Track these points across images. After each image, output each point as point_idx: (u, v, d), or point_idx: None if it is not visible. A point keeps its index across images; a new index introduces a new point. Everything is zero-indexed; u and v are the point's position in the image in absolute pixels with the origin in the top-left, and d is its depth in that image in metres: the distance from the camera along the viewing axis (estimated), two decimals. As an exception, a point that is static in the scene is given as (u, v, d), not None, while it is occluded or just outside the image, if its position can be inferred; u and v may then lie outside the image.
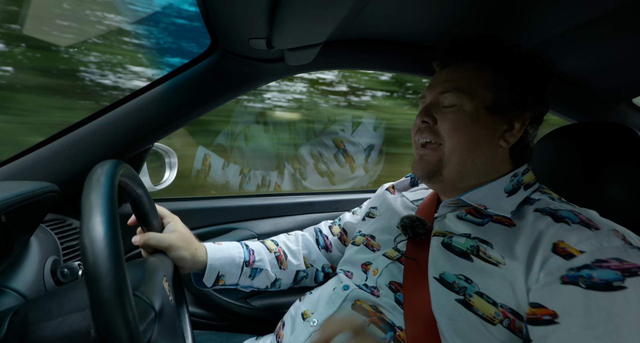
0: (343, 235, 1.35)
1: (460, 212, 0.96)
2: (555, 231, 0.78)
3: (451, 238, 0.91)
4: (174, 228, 1.04)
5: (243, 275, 1.17)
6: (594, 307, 0.67)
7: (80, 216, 0.52)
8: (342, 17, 0.89)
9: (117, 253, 0.50)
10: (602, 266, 0.69)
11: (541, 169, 1.22)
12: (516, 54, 0.96)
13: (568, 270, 0.72)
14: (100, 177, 0.58)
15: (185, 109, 1.28)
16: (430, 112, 0.97)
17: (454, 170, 0.96)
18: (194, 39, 2.14)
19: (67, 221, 1.23)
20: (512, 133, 0.95)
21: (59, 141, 1.17)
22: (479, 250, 0.84)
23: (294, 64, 1.28)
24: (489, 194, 0.94)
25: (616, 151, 1.08)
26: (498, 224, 0.88)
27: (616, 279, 0.67)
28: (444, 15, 1.16)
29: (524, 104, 0.94)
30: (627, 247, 0.71)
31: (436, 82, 1.01)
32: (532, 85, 0.95)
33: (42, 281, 0.98)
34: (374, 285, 0.97)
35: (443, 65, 1.03)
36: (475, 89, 0.94)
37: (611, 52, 1.25)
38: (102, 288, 0.47)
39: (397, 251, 1.01)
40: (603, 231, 0.75)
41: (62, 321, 0.65)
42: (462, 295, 0.80)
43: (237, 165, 2.68)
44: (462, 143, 0.93)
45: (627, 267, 0.68)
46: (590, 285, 0.68)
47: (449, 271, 0.85)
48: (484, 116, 0.93)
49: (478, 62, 0.96)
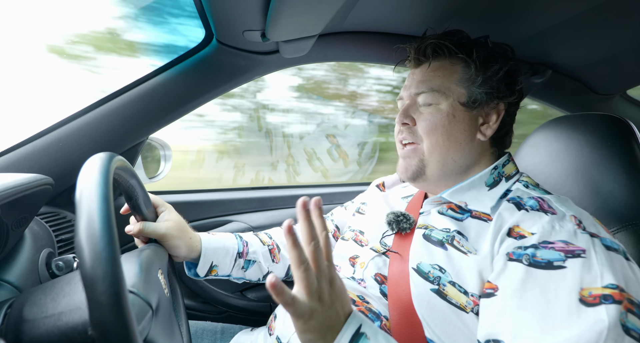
0: (336, 231, 1.35)
1: (442, 208, 0.97)
2: (515, 218, 0.81)
3: (432, 231, 0.93)
4: (168, 217, 1.04)
5: (236, 266, 1.17)
6: (531, 281, 0.71)
7: (76, 215, 0.52)
8: (336, 10, 0.89)
9: (114, 255, 0.50)
10: (547, 247, 0.73)
11: (535, 161, 1.23)
12: (484, 45, 0.97)
13: (515, 248, 0.76)
14: (94, 173, 0.58)
15: (180, 102, 1.28)
16: (409, 113, 0.99)
17: (436, 168, 0.97)
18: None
19: (62, 213, 1.23)
20: (489, 125, 0.96)
21: (54, 133, 1.16)
22: (454, 240, 0.87)
23: (289, 57, 1.28)
24: (470, 190, 0.95)
25: (610, 143, 1.08)
26: (476, 219, 0.90)
27: (558, 259, 0.70)
28: (438, 8, 1.16)
29: (497, 95, 0.96)
30: (579, 231, 0.73)
31: (410, 83, 1.02)
32: (504, 75, 0.96)
33: (36, 273, 0.98)
34: (360, 278, 0.98)
35: (415, 64, 1.04)
36: (448, 87, 0.95)
37: (605, 44, 1.26)
38: (100, 292, 0.48)
39: (382, 246, 1.02)
40: (559, 216, 0.78)
41: (57, 318, 0.65)
42: (437, 285, 0.83)
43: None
44: (441, 141, 0.94)
45: (571, 249, 0.71)
46: (532, 262, 0.72)
47: (425, 261, 0.88)
48: (459, 113, 0.94)
49: (448, 59, 0.97)
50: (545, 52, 1.37)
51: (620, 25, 1.13)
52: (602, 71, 1.47)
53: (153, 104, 1.24)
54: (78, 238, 0.50)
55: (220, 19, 1.09)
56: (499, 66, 0.95)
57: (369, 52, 1.43)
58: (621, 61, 1.37)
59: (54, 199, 1.25)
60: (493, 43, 0.98)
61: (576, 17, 1.09)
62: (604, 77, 1.52)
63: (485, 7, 1.12)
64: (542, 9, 1.09)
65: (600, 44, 1.26)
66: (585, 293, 0.66)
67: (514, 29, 1.20)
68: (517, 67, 0.99)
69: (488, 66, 0.94)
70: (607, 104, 1.68)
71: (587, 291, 0.66)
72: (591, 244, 0.71)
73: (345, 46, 1.39)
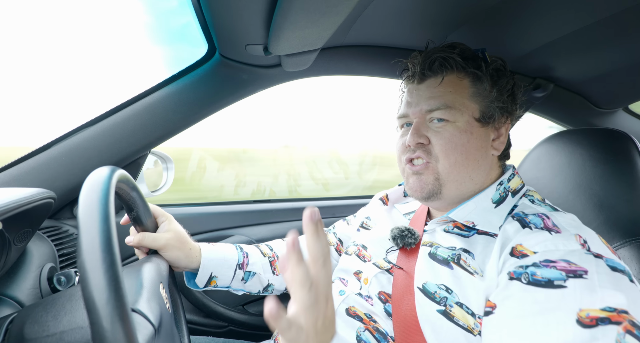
0: (339, 245, 1.34)
1: (448, 226, 0.95)
2: (519, 236, 0.80)
3: (437, 249, 0.91)
4: (168, 228, 1.03)
5: (236, 277, 1.16)
6: (530, 300, 0.69)
7: (78, 233, 0.52)
8: (339, 24, 0.89)
9: (116, 277, 0.50)
10: (548, 266, 0.71)
11: (538, 175, 1.22)
12: (485, 58, 0.95)
13: (517, 267, 0.74)
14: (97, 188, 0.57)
15: (183, 116, 1.28)
16: (422, 132, 0.94)
17: (453, 188, 0.94)
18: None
19: (64, 227, 1.23)
20: (499, 140, 0.95)
21: (56, 147, 1.16)
22: (460, 259, 0.84)
23: (291, 70, 1.28)
24: (476, 208, 0.93)
25: (612, 157, 1.08)
26: (482, 235, 0.88)
27: (558, 278, 0.69)
28: (440, 22, 1.17)
29: (507, 109, 0.95)
30: (583, 252, 0.72)
31: (418, 100, 0.96)
32: (510, 89, 0.95)
33: (38, 288, 0.98)
34: (367, 294, 0.97)
35: (420, 79, 0.98)
36: (462, 102, 0.92)
37: (607, 59, 1.26)
38: (103, 316, 0.47)
39: (387, 262, 1.00)
40: (563, 235, 0.76)
41: (59, 338, 0.65)
42: (443, 306, 0.80)
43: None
44: (460, 161, 0.91)
45: (573, 269, 0.69)
46: (531, 281, 0.71)
47: (431, 281, 0.85)
48: (475, 129, 0.92)
49: (455, 73, 0.94)
50: (547, 66, 1.37)
51: (623, 40, 1.14)
52: (605, 85, 1.47)
53: (156, 118, 1.25)
54: (80, 258, 0.50)
55: (222, 33, 1.10)
56: (506, 80, 0.94)
57: (371, 66, 1.44)
58: (623, 75, 1.37)
59: (56, 213, 1.25)
60: (492, 58, 0.96)
61: (578, 32, 1.09)
62: (606, 91, 1.52)
63: (487, 21, 1.13)
64: (545, 23, 1.10)
65: (602, 59, 1.26)
66: (583, 314, 0.64)
67: (516, 43, 1.21)
68: (515, 81, 0.98)
69: (494, 79, 0.93)
70: (609, 119, 1.68)
71: (585, 313, 0.64)
72: (594, 265, 0.69)
73: (347, 59, 1.39)
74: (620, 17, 1.02)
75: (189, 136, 1.40)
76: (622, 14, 1.00)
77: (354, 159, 4.12)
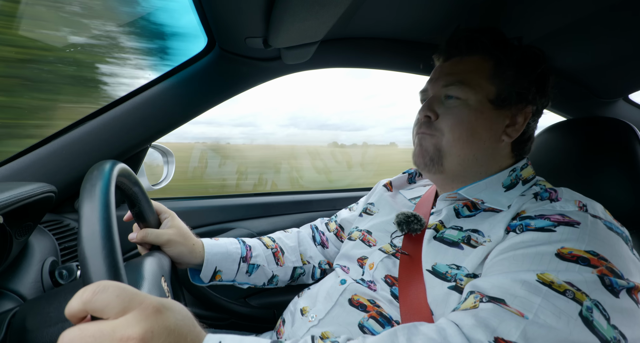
0: (339, 231, 1.35)
1: (458, 204, 0.96)
2: (525, 205, 0.83)
3: (443, 232, 0.92)
4: (171, 224, 1.04)
5: (240, 270, 1.16)
6: (517, 241, 0.73)
7: (78, 224, 0.52)
8: (338, 16, 0.89)
9: (116, 264, 0.50)
10: (542, 218, 0.74)
11: (538, 165, 1.22)
12: (518, 46, 0.95)
13: (512, 220, 0.79)
14: (97, 181, 0.57)
15: (183, 109, 1.28)
16: (433, 107, 0.96)
17: (455, 162, 0.95)
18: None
19: (65, 221, 1.23)
20: (514, 127, 0.94)
21: (57, 141, 1.16)
22: (470, 239, 0.85)
23: (291, 63, 1.28)
24: (487, 189, 0.94)
25: (613, 147, 1.08)
26: (489, 212, 0.90)
27: (549, 225, 0.72)
28: (438, 13, 1.16)
29: (527, 97, 0.93)
30: (580, 212, 0.74)
31: (438, 75, 0.99)
32: (535, 78, 0.94)
33: (40, 282, 0.98)
34: (370, 280, 0.97)
35: (445, 57, 1.02)
36: (479, 82, 0.93)
37: (608, 48, 1.25)
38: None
39: (392, 247, 1.01)
40: (563, 201, 0.79)
41: (61, 328, 0.65)
42: (454, 282, 0.81)
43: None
44: (464, 137, 0.92)
45: (566, 220, 0.72)
46: (524, 230, 0.75)
47: (441, 262, 0.86)
48: (487, 110, 0.92)
49: (481, 55, 0.95)
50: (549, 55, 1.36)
51: (623, 29, 1.13)
52: (606, 75, 1.46)
53: (156, 111, 1.24)
54: (80, 247, 0.50)
55: (222, 26, 1.09)
56: (531, 68, 0.94)
57: (371, 58, 1.43)
58: (625, 65, 1.36)
59: (57, 207, 1.25)
60: (526, 45, 0.96)
61: (579, 21, 1.09)
62: (607, 81, 1.52)
63: (487, 11, 1.12)
64: (545, 13, 1.09)
65: (603, 49, 1.26)
66: (565, 251, 0.66)
67: (516, 32, 1.20)
68: (549, 72, 0.97)
69: (520, 66, 0.93)
70: (610, 109, 1.67)
71: (568, 250, 0.66)
72: (590, 221, 0.71)
73: (347, 51, 1.39)
74: (620, 6, 1.01)
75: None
76: (622, 4, 1.00)
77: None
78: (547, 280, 0.63)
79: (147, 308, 0.48)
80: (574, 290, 0.61)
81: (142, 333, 0.46)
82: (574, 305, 0.60)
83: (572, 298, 0.60)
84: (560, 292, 0.61)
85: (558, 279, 0.63)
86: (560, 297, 0.61)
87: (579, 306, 0.59)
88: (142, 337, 0.45)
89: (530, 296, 0.62)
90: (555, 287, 0.62)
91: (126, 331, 0.45)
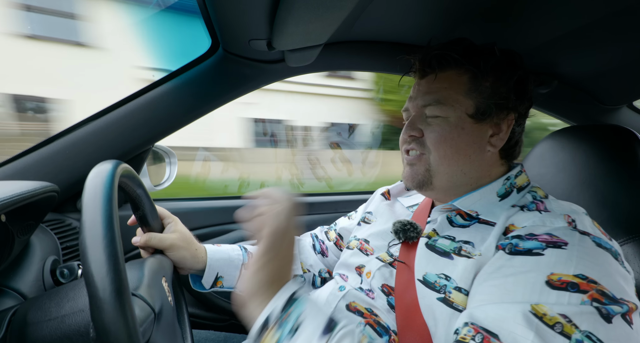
0: (339, 240, 1.34)
1: (451, 214, 0.96)
2: (512, 218, 0.83)
3: (435, 241, 0.91)
4: (175, 229, 1.05)
5: (241, 277, 1.16)
6: (507, 265, 0.72)
7: (80, 217, 0.53)
8: (343, 19, 0.89)
9: (116, 254, 0.50)
10: (531, 239, 0.73)
11: (541, 172, 1.22)
12: (492, 54, 0.94)
13: (503, 239, 0.78)
14: (100, 178, 0.58)
15: (186, 110, 1.28)
16: (416, 125, 0.96)
17: (444, 180, 0.94)
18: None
19: (67, 221, 1.23)
20: (499, 136, 0.93)
21: (60, 141, 1.17)
22: (461, 250, 0.85)
23: (294, 65, 1.28)
24: (481, 199, 0.93)
25: (616, 154, 1.08)
26: (483, 224, 0.89)
27: (537, 247, 0.71)
28: (443, 18, 1.16)
29: (507, 105, 0.92)
30: (568, 229, 0.73)
31: (416, 94, 0.98)
32: (513, 84, 0.93)
33: (41, 281, 0.98)
34: (369, 288, 0.97)
35: (421, 75, 1.00)
36: (456, 99, 0.92)
37: (611, 55, 1.25)
38: (102, 288, 0.48)
39: (389, 255, 1.01)
40: (552, 214, 0.79)
41: (61, 321, 0.66)
42: (443, 293, 0.81)
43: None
44: (449, 154, 0.92)
45: (554, 241, 0.71)
46: (513, 251, 0.74)
47: (431, 272, 0.86)
48: (468, 125, 0.91)
49: (455, 69, 0.94)
50: (552, 62, 1.37)
51: (628, 36, 1.13)
52: (609, 82, 1.46)
53: (159, 112, 1.25)
54: (82, 236, 0.50)
55: (226, 28, 1.10)
56: (507, 75, 0.92)
57: (375, 62, 1.44)
58: (628, 72, 1.36)
59: (59, 207, 1.25)
60: (500, 51, 0.94)
61: (583, 28, 1.09)
62: (610, 88, 1.52)
63: (492, 16, 1.12)
64: (549, 19, 1.09)
65: (607, 55, 1.26)
66: (555, 277, 0.66)
67: (521, 39, 1.20)
68: (527, 75, 0.96)
69: (497, 75, 0.92)
70: (613, 115, 1.67)
71: (557, 276, 0.66)
72: (577, 239, 0.70)
73: (351, 55, 1.39)
74: (625, 13, 1.01)
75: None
76: (627, 10, 1.00)
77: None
78: (540, 312, 0.62)
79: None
80: (564, 323, 0.60)
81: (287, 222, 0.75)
82: (561, 339, 0.59)
83: (560, 332, 0.60)
84: (549, 326, 0.61)
85: (552, 311, 0.62)
86: (550, 332, 0.60)
87: (567, 340, 0.59)
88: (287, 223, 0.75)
89: (524, 331, 0.62)
90: (546, 320, 0.61)
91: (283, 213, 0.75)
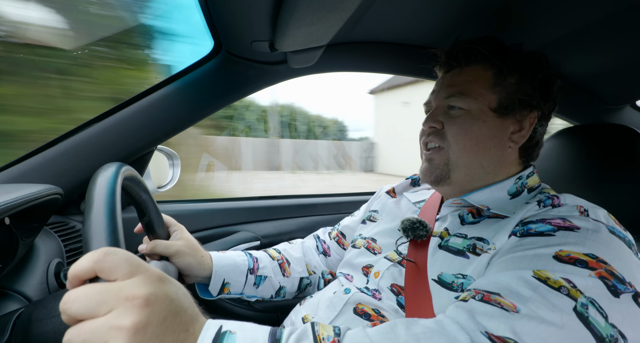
0: (341, 238, 1.34)
1: (463, 211, 0.96)
2: (529, 213, 0.83)
3: (448, 240, 0.91)
4: (180, 236, 1.05)
5: (248, 282, 1.16)
6: (517, 244, 0.74)
7: (84, 213, 0.53)
8: (345, 20, 0.89)
9: (118, 245, 0.51)
10: (544, 222, 0.74)
11: (545, 170, 1.22)
12: (519, 52, 0.95)
13: (515, 226, 0.80)
14: (103, 180, 0.58)
15: (189, 112, 1.28)
16: (437, 117, 0.96)
17: (462, 173, 0.95)
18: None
19: (71, 223, 1.24)
20: (520, 133, 0.94)
21: (63, 143, 1.17)
22: (476, 247, 0.85)
23: (297, 67, 1.28)
24: (492, 196, 0.93)
25: (619, 153, 1.08)
26: (493, 218, 0.89)
27: (549, 230, 0.72)
28: (445, 18, 1.16)
29: (530, 103, 0.93)
30: (582, 217, 0.74)
31: (440, 87, 0.99)
32: (538, 83, 0.93)
33: (45, 283, 0.98)
34: (375, 288, 0.96)
35: (446, 69, 1.02)
36: (480, 92, 0.92)
37: (615, 54, 1.25)
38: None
39: (398, 254, 1.00)
40: (565, 207, 0.79)
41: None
42: (460, 291, 0.80)
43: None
44: (469, 146, 0.92)
45: (567, 225, 0.72)
46: (525, 234, 0.75)
47: (447, 272, 0.85)
48: (490, 119, 0.92)
49: (480, 64, 0.95)
50: (555, 62, 1.36)
51: (631, 35, 1.12)
52: (612, 81, 1.46)
53: (162, 114, 1.25)
54: (85, 228, 0.51)
55: (228, 30, 1.10)
56: (533, 74, 0.93)
57: (377, 63, 1.43)
58: (632, 71, 1.36)
59: (63, 209, 1.25)
60: (527, 51, 0.96)
61: (586, 27, 1.08)
62: (614, 87, 1.51)
63: (494, 17, 1.12)
64: (552, 19, 1.09)
65: (610, 55, 1.25)
66: (563, 253, 0.66)
67: (524, 39, 1.20)
68: (552, 77, 0.96)
69: (522, 73, 0.93)
70: (617, 115, 1.67)
71: (566, 252, 0.66)
72: (591, 225, 0.71)
73: (353, 56, 1.39)
74: (628, 12, 1.01)
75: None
76: (630, 9, 0.99)
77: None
78: (543, 276, 0.63)
79: (152, 275, 0.51)
80: (569, 287, 0.61)
81: (146, 295, 0.47)
82: (567, 300, 0.60)
83: (567, 294, 0.60)
84: (555, 288, 0.61)
85: (554, 276, 0.63)
86: (554, 293, 0.61)
87: (573, 302, 0.59)
88: (147, 298, 0.47)
89: (524, 290, 0.63)
90: (550, 283, 0.62)
91: (132, 291, 0.47)
